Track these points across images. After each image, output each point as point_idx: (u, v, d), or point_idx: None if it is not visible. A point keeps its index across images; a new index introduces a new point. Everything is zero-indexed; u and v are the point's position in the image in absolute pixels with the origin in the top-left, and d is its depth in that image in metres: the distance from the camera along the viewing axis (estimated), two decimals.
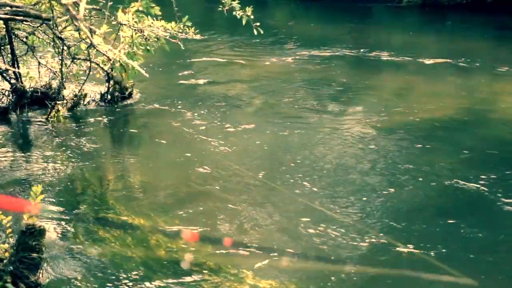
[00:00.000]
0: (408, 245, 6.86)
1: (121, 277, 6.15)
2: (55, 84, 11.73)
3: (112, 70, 11.55)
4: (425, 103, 12.15)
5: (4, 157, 9.28)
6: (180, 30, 11.03)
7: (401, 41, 20.24)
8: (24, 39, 11.85)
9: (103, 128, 11.04)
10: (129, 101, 12.10)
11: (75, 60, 11.50)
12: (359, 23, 23.73)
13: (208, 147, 9.77)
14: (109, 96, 11.93)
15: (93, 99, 11.94)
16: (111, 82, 11.88)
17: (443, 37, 20.73)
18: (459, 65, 15.48)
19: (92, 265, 6.34)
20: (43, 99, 11.37)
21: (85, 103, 11.77)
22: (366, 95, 12.82)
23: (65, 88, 11.47)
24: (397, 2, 26.95)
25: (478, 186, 8.29)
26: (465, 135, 10.45)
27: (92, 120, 11.25)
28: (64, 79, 11.30)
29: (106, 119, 11.39)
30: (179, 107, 11.85)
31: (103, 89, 12.03)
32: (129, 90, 12.20)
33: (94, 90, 12.20)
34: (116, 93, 11.95)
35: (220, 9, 10.51)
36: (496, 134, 10.52)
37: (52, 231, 6.88)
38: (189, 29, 11.08)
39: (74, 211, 7.54)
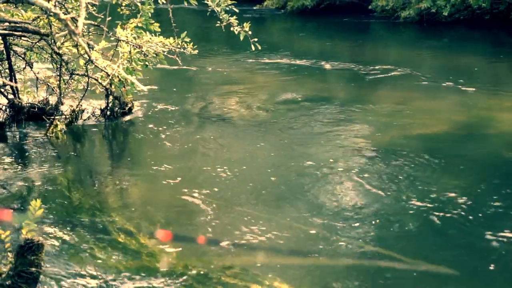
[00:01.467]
0: (403, 262, 6.88)
1: None
2: (52, 99, 11.74)
3: (111, 86, 11.56)
4: (422, 118, 12.16)
5: (1, 172, 9.27)
6: (179, 46, 11.05)
7: (398, 56, 20.29)
8: (22, 55, 11.86)
9: (102, 144, 11.05)
10: (129, 117, 12.10)
11: (73, 76, 11.51)
12: (357, 39, 23.81)
13: (207, 163, 9.77)
14: (108, 112, 11.91)
15: (93, 114, 11.91)
16: (111, 97, 11.87)
17: (440, 53, 20.78)
18: (456, 81, 15.50)
19: (90, 280, 6.33)
20: (41, 114, 11.37)
21: (85, 118, 11.74)
22: (363, 111, 12.83)
23: (62, 104, 11.47)
24: (395, 18, 27.06)
25: (474, 200, 8.31)
26: (461, 150, 10.44)
27: (91, 135, 11.27)
28: (63, 95, 11.31)
29: (106, 134, 11.40)
30: (179, 122, 11.87)
31: (103, 104, 12.02)
32: (129, 105, 12.20)
33: (94, 106, 12.18)
34: (116, 109, 11.94)
35: (218, 25, 10.52)
36: (492, 149, 10.52)
37: (50, 246, 6.87)
38: (187, 45, 11.10)
39: (72, 226, 7.52)
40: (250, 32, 10.37)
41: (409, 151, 10.22)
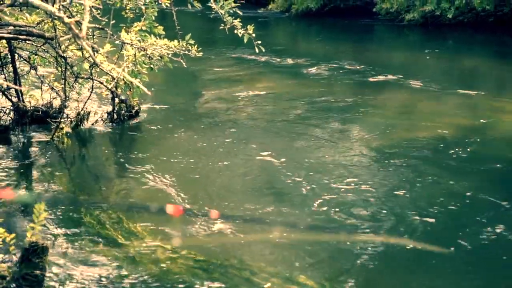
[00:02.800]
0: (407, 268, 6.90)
1: None
2: (56, 103, 11.75)
3: (117, 89, 11.58)
4: (427, 121, 12.15)
5: (5, 175, 9.28)
6: (183, 48, 11.07)
7: (403, 59, 20.31)
8: (27, 58, 11.87)
9: (108, 147, 11.03)
10: (135, 120, 12.11)
11: (78, 79, 11.51)
12: (361, 41, 23.81)
13: (214, 164, 9.78)
14: (115, 115, 11.91)
15: (100, 118, 11.91)
16: (117, 100, 11.88)
17: (445, 55, 20.77)
18: (460, 84, 15.51)
19: (94, 283, 6.34)
20: (45, 118, 11.38)
21: (91, 122, 11.74)
22: (367, 114, 12.84)
23: (66, 107, 11.46)
24: (399, 20, 27.05)
25: (481, 202, 8.32)
26: (466, 152, 10.44)
27: (97, 139, 11.27)
28: (68, 98, 11.31)
29: (112, 138, 11.40)
30: (186, 125, 11.88)
31: (109, 108, 12.04)
32: (136, 108, 12.22)
33: (100, 109, 12.21)
34: (123, 112, 11.95)
35: (222, 27, 10.52)
36: (497, 152, 10.52)
37: (55, 249, 6.89)
38: (192, 47, 11.12)
39: (77, 229, 7.53)
40: (253, 35, 10.36)
41: (413, 153, 10.27)
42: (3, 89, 11.31)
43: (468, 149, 10.61)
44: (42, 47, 11.52)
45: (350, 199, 8.46)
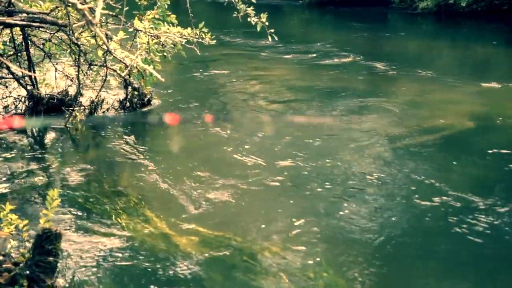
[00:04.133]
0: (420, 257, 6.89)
1: (137, 282, 6.17)
2: (71, 90, 11.76)
3: (129, 77, 11.57)
4: (440, 110, 12.13)
5: (21, 163, 9.32)
6: (197, 36, 11.05)
7: (416, 48, 20.24)
8: (41, 46, 11.88)
9: (120, 135, 11.04)
10: (148, 108, 12.12)
11: (92, 67, 11.52)
12: (374, 30, 23.74)
13: (226, 153, 9.78)
14: (127, 103, 11.92)
15: (112, 106, 11.92)
16: (129, 88, 11.88)
17: (458, 44, 20.70)
18: (474, 72, 15.44)
19: (108, 269, 6.36)
20: (60, 105, 11.39)
21: (104, 110, 11.76)
22: (380, 102, 12.80)
23: (81, 95, 11.49)
24: (413, 8, 26.98)
25: (494, 190, 8.30)
26: (480, 142, 10.43)
27: (109, 127, 11.28)
28: (81, 86, 11.32)
29: (125, 125, 11.41)
30: (197, 113, 11.88)
31: (122, 96, 12.05)
32: (148, 97, 12.22)
33: (112, 97, 12.22)
34: (135, 100, 11.95)
35: (235, 15, 10.51)
36: (506, 140, 10.49)
37: (68, 236, 6.91)
38: (205, 35, 11.10)
39: (90, 215, 7.55)
40: (267, 23, 10.34)
41: (426, 140, 10.25)
42: (17, 76, 11.33)
43: (482, 137, 10.59)
44: (55, 34, 11.52)
45: (362, 183, 8.49)
